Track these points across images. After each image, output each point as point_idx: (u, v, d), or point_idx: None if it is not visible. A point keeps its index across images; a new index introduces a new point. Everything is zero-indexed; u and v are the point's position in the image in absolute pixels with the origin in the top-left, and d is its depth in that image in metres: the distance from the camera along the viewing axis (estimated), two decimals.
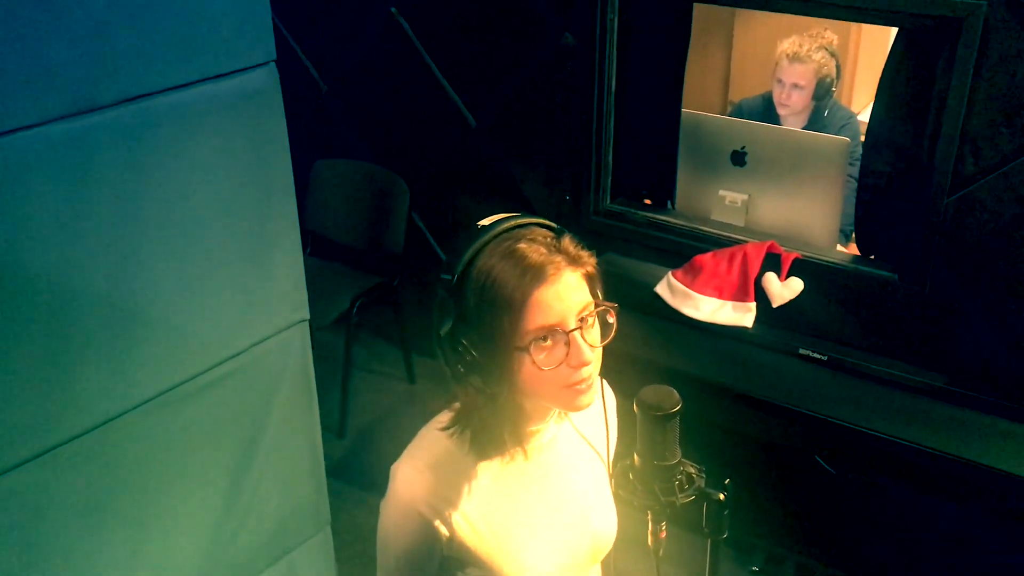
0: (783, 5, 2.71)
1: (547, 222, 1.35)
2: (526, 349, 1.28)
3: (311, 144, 3.81)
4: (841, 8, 2.59)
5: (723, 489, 1.34)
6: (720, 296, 2.77)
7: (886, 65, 2.70)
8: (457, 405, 1.42)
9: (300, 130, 2.40)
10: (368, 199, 3.71)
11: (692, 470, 1.36)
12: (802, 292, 2.73)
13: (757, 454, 2.70)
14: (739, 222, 3.08)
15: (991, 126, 2.45)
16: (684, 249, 2.96)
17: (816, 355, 2.65)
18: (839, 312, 2.71)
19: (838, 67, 3.55)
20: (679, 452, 1.34)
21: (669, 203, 3.25)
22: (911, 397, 2.54)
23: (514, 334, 1.27)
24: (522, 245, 1.29)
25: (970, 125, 2.47)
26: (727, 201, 3.11)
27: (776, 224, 3.04)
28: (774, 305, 2.73)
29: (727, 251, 2.82)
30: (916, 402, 2.52)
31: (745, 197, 3.09)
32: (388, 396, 3.86)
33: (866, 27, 4.36)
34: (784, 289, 2.72)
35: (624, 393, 1.63)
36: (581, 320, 1.31)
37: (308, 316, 2.28)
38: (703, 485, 1.34)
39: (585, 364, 1.32)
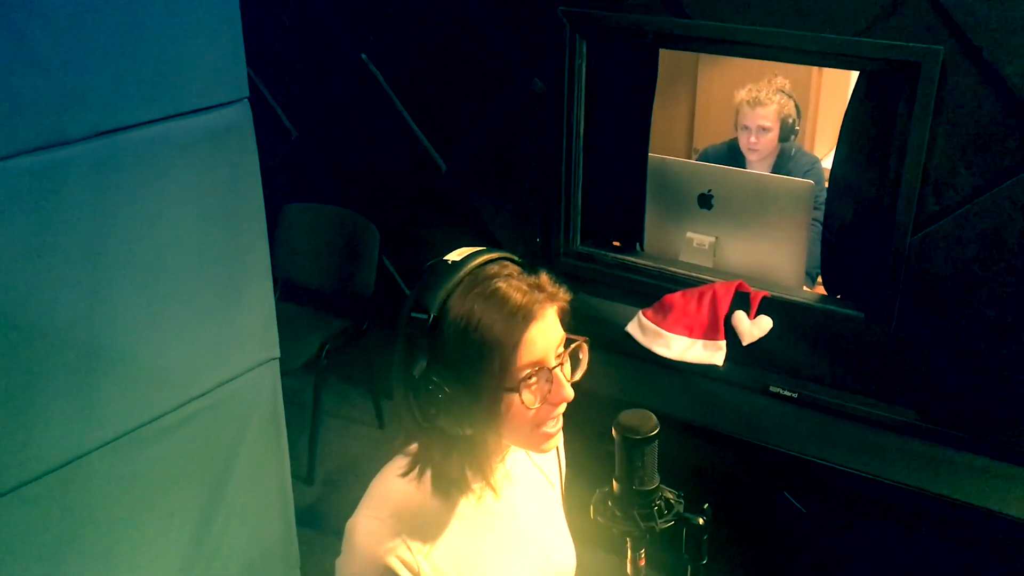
0: (746, 51, 2.77)
1: (511, 255, 1.36)
2: (515, 388, 1.27)
3: (281, 189, 3.81)
4: (804, 53, 2.65)
5: (702, 514, 1.33)
6: (690, 335, 2.79)
7: (848, 107, 2.76)
8: (413, 448, 1.39)
9: (270, 175, 2.40)
10: (338, 243, 3.70)
11: (671, 495, 1.35)
12: (771, 330, 2.75)
13: (729, 491, 2.69)
14: (707, 264, 3.11)
15: (951, 166, 2.50)
16: (653, 290, 2.98)
17: (786, 392, 2.66)
18: (808, 350, 2.73)
19: (797, 107, 3.63)
20: (658, 477, 1.33)
21: (638, 245, 3.28)
22: (881, 433, 2.55)
23: (504, 375, 1.26)
24: (501, 285, 1.28)
25: (931, 165, 2.52)
26: (695, 243, 3.15)
27: (743, 266, 3.07)
28: (744, 343, 2.75)
29: (697, 290, 2.84)
30: (886, 438, 2.54)
31: (712, 239, 3.12)
32: (357, 442, 3.81)
33: (826, 76, 4.46)
34: (754, 327, 2.75)
35: (596, 434, 1.62)
36: (558, 356, 1.31)
37: (278, 354, 2.26)
38: (682, 510, 1.33)
39: (566, 400, 1.32)
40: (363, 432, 3.87)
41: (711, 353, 2.76)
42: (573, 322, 1.35)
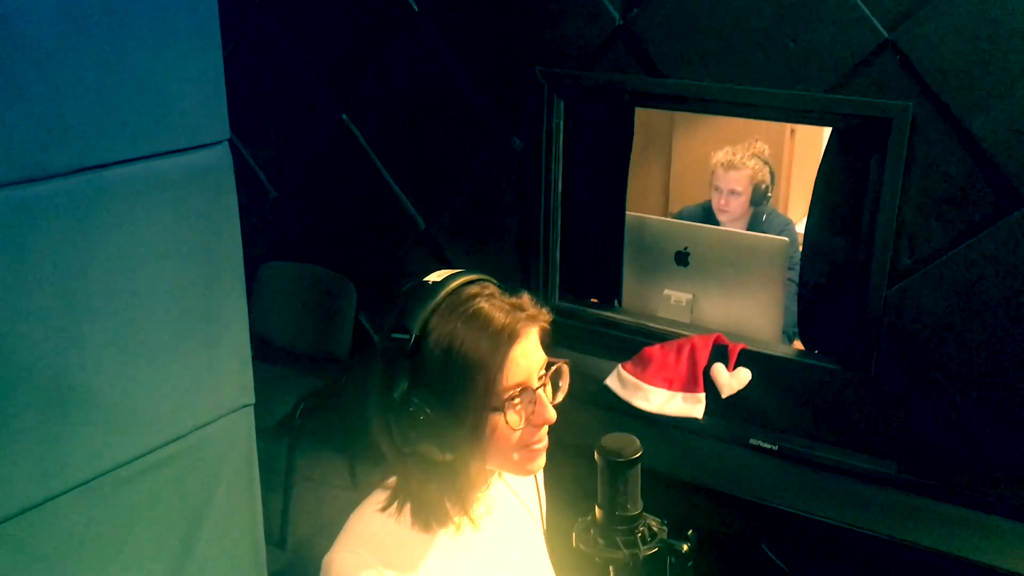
0: (721, 108, 2.82)
1: (490, 278, 1.36)
2: (500, 408, 1.26)
3: (260, 249, 3.80)
4: (777, 110, 2.71)
5: (687, 540, 1.31)
6: (670, 387, 2.78)
7: (821, 164, 2.80)
8: (392, 481, 1.37)
9: (249, 235, 2.38)
10: (315, 301, 3.69)
11: (654, 523, 1.33)
12: (750, 383, 2.75)
13: (710, 545, 2.66)
14: (684, 320, 3.12)
15: (924, 220, 2.54)
16: (632, 345, 2.98)
17: (766, 445, 2.65)
18: (787, 402, 2.72)
19: (772, 174, 3.69)
20: (641, 504, 1.31)
21: (616, 302, 3.29)
22: (862, 485, 2.54)
23: (488, 396, 1.25)
24: (484, 304, 1.28)
25: (904, 219, 2.56)
26: (672, 300, 3.16)
27: (720, 322, 3.08)
28: (723, 395, 2.74)
29: (675, 343, 2.84)
30: (867, 490, 2.52)
31: (690, 296, 3.14)
32: (331, 505, 3.73)
33: (798, 143, 4.56)
34: (733, 379, 2.74)
35: (578, 492, 1.59)
36: (541, 378, 1.31)
37: (253, 400, 2.23)
38: (666, 537, 1.31)
39: (549, 421, 1.31)
40: (338, 495, 3.79)
41: (691, 406, 2.75)
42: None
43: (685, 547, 1.30)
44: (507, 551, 1.44)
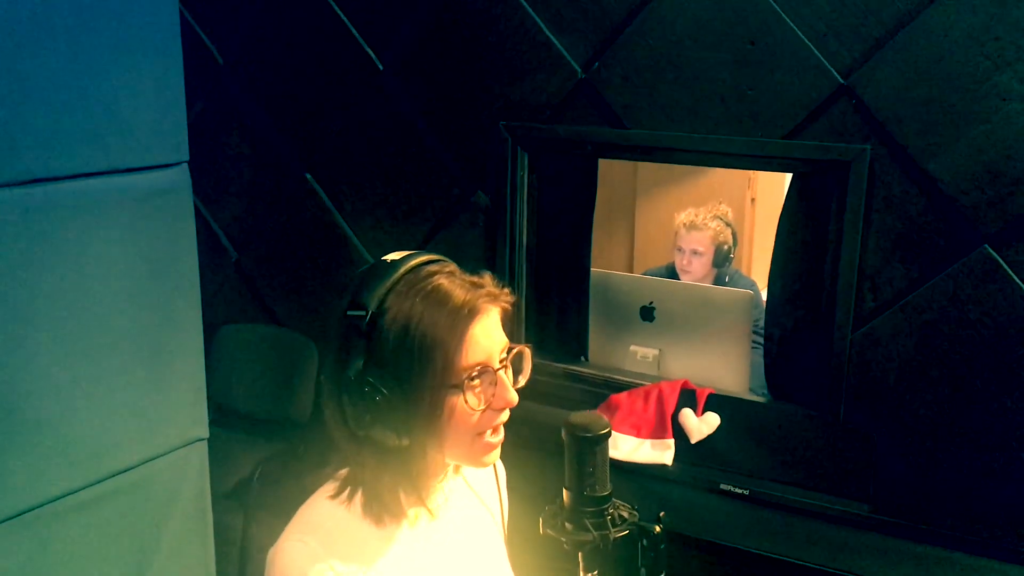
0: (683, 157, 2.86)
1: (450, 260, 1.34)
2: (460, 387, 1.22)
3: (221, 311, 3.74)
4: (737, 157, 2.74)
5: (659, 522, 1.25)
6: (638, 434, 2.73)
7: (783, 211, 2.83)
8: (343, 472, 1.32)
9: (209, 297, 2.33)
10: (275, 364, 3.61)
11: (625, 511, 1.28)
12: (719, 428, 2.71)
13: None
14: (652, 375, 3.08)
15: (886, 262, 2.56)
16: (599, 399, 2.93)
17: (738, 490, 2.59)
18: (757, 446, 2.68)
19: (734, 235, 3.72)
20: (610, 485, 1.26)
21: (582, 357, 3.25)
22: (834, 527, 2.49)
23: (447, 374, 1.22)
24: (443, 281, 1.26)
25: (866, 262, 2.57)
26: (639, 356, 3.13)
27: (687, 377, 3.05)
28: (692, 441, 2.70)
29: (643, 389, 2.80)
30: (840, 532, 2.47)
31: (656, 351, 3.11)
32: None
33: (759, 208, 4.62)
34: (702, 424, 2.70)
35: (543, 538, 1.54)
36: (502, 361, 1.28)
37: (207, 435, 2.14)
38: (637, 520, 1.25)
39: (510, 403, 1.28)
40: None
41: (660, 452, 2.69)
42: (523, 429, 1.32)
43: (657, 529, 1.25)
44: (463, 546, 1.39)
